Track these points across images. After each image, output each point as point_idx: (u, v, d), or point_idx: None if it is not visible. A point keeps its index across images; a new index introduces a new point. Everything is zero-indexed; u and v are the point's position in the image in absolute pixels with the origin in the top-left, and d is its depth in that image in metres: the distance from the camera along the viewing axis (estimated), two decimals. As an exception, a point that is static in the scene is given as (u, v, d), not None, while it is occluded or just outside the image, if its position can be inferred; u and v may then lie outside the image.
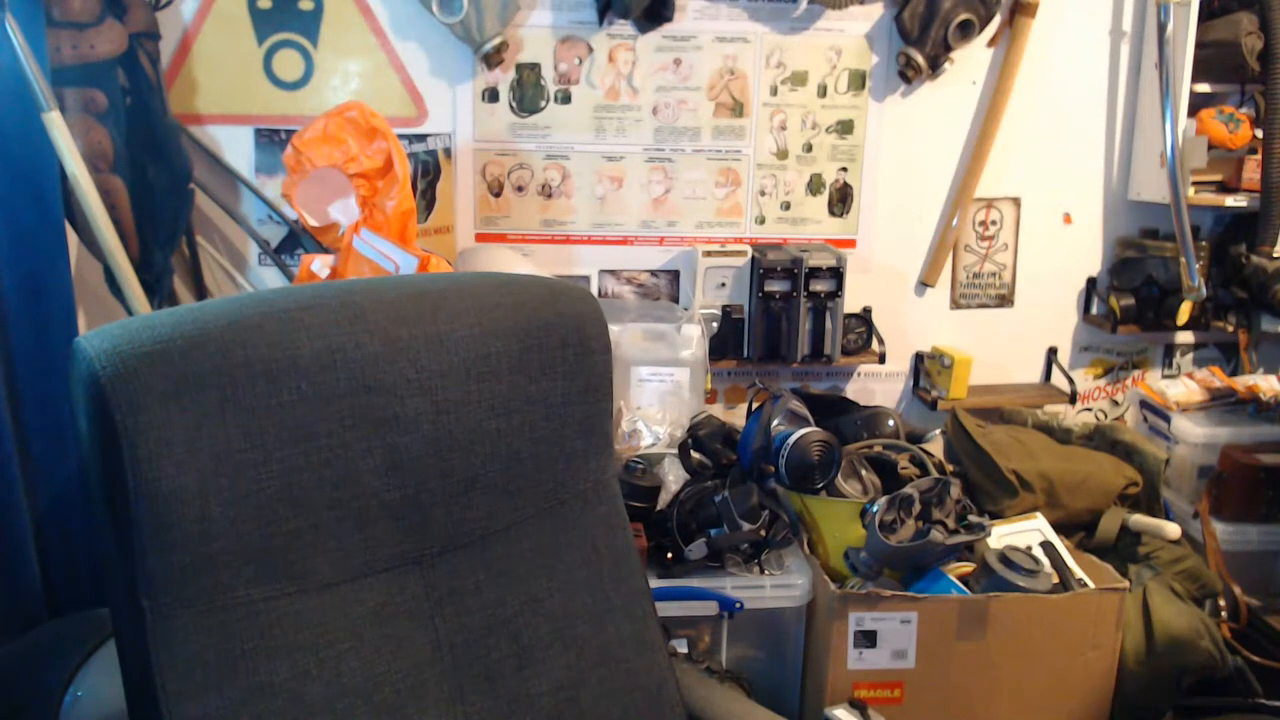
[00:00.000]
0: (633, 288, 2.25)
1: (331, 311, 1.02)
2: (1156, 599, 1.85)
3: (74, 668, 1.37)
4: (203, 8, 1.98)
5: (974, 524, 1.69)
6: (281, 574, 0.97)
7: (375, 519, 1.03)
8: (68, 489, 1.64)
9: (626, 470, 1.77)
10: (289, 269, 2.06)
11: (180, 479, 0.90)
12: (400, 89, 2.08)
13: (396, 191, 1.79)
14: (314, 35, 2.03)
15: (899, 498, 1.66)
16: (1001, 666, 1.71)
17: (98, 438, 0.88)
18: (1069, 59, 2.25)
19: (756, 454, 1.74)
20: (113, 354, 0.88)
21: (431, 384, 1.06)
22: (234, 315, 0.97)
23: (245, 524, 0.94)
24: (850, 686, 1.70)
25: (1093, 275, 2.37)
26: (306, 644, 0.98)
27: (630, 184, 2.19)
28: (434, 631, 1.07)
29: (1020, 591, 1.68)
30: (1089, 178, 2.33)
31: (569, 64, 2.11)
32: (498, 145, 2.14)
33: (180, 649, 0.90)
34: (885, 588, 1.69)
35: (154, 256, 1.86)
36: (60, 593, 1.66)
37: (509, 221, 2.18)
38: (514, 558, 1.13)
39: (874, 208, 2.26)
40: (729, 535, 1.68)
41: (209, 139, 2.04)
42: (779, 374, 2.29)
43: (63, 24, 1.68)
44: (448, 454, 1.08)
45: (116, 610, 0.93)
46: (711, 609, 1.70)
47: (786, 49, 2.16)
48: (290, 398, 0.97)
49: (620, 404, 1.99)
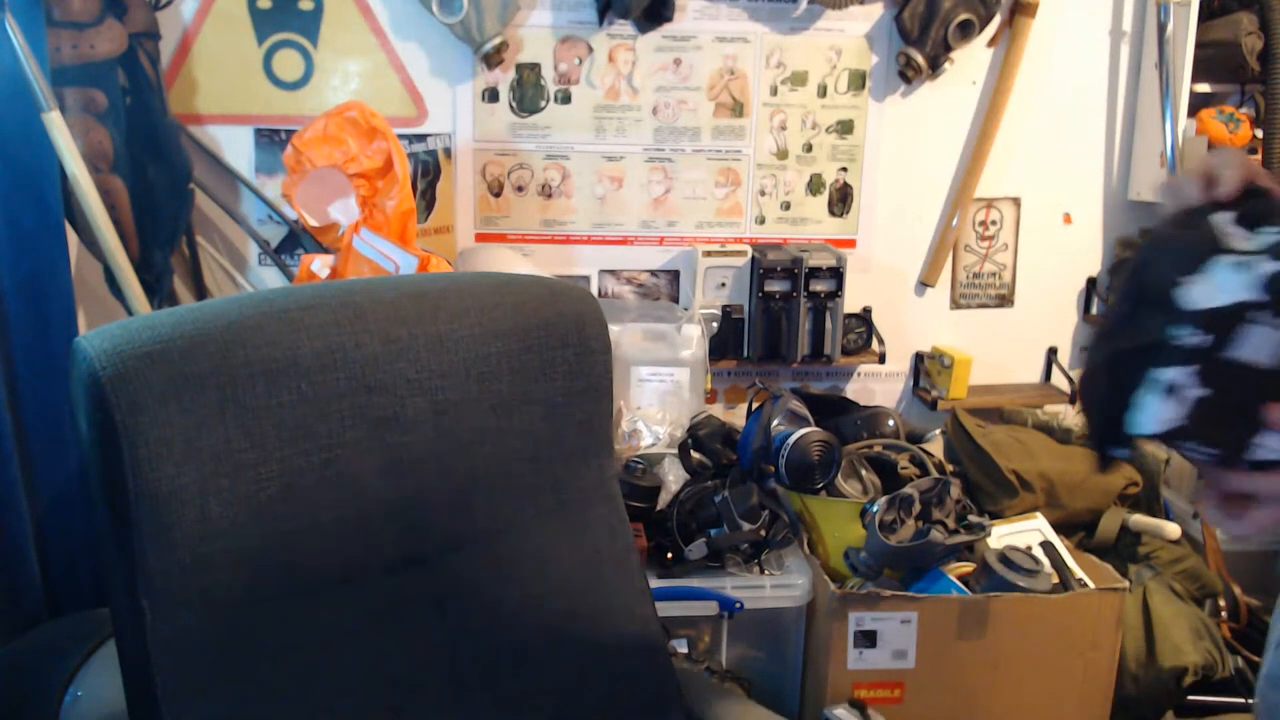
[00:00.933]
0: (633, 288, 2.25)
1: (331, 311, 1.01)
2: (1156, 599, 1.85)
3: (74, 668, 1.37)
4: (203, 8, 1.98)
5: (974, 524, 1.69)
6: (281, 574, 0.97)
7: (375, 519, 1.03)
8: (68, 489, 1.64)
9: (626, 470, 1.77)
10: (289, 269, 2.06)
11: (180, 479, 0.90)
12: (400, 89, 2.08)
13: (396, 191, 1.79)
14: (314, 35, 2.03)
15: (899, 498, 1.66)
16: (1001, 666, 1.71)
17: (98, 438, 0.88)
18: (1069, 59, 2.25)
19: (756, 454, 1.74)
20: (113, 354, 0.88)
21: (431, 384, 1.06)
22: (234, 315, 0.97)
23: (245, 524, 0.94)
24: (850, 686, 1.69)
25: (1093, 275, 2.37)
26: (306, 644, 0.98)
27: (630, 184, 2.19)
28: (434, 632, 1.07)
29: (1020, 591, 1.68)
30: (1089, 178, 2.32)
31: (569, 64, 2.11)
32: (498, 145, 2.14)
33: (180, 649, 0.90)
34: (885, 588, 1.69)
35: (154, 256, 1.86)
36: (60, 593, 1.66)
37: (509, 221, 2.18)
38: (514, 558, 1.13)
39: (874, 208, 2.26)
40: (729, 535, 1.68)
41: (209, 139, 2.04)
42: (779, 374, 2.29)
43: (63, 24, 1.68)
44: (448, 454, 1.08)
45: (116, 610, 0.93)
46: (711, 609, 1.70)
47: (786, 49, 2.16)
48: (290, 398, 0.97)
49: (620, 404, 1.99)
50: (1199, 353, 0.87)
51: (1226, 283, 0.86)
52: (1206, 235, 0.88)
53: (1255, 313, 0.85)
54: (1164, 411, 0.88)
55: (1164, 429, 0.88)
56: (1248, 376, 0.86)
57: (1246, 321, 0.86)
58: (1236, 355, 0.86)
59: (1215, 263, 0.87)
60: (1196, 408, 0.87)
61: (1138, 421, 0.89)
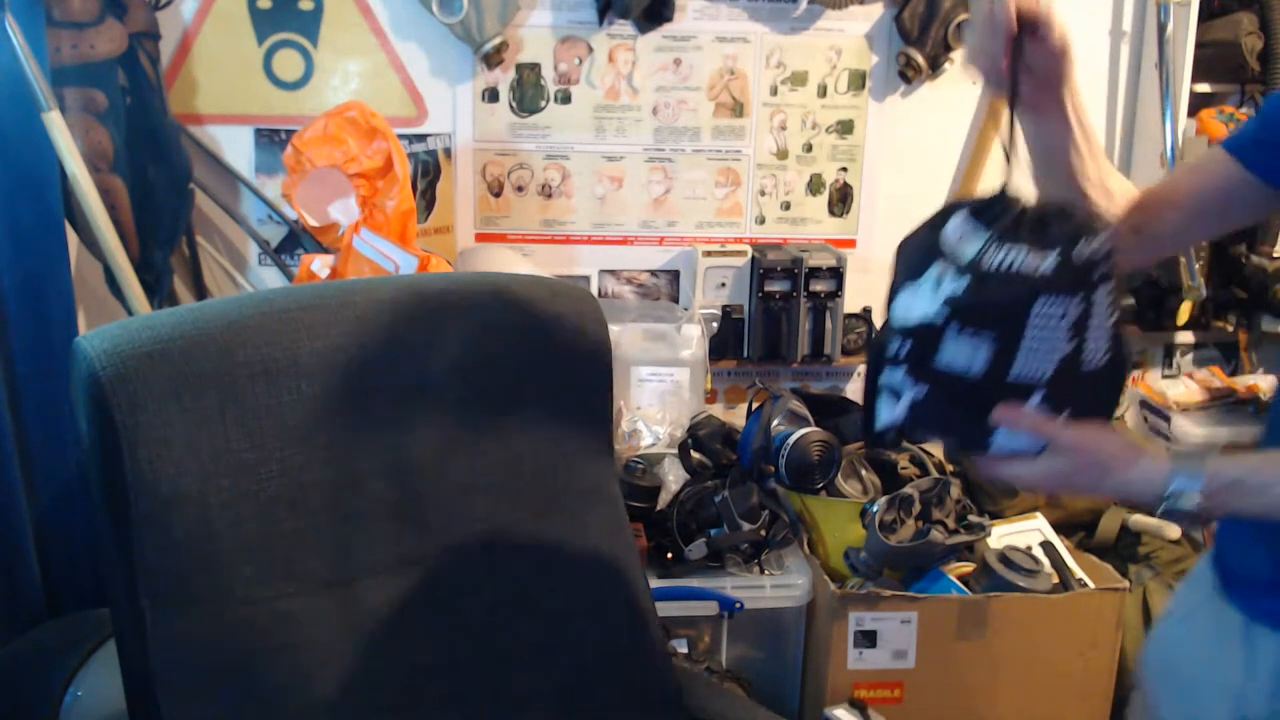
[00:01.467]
0: (633, 288, 2.25)
1: (331, 311, 1.02)
2: (1156, 599, 1.85)
3: (74, 668, 1.37)
4: (203, 8, 1.98)
5: (974, 524, 1.70)
6: (282, 574, 0.97)
7: (375, 519, 1.03)
8: (68, 489, 1.64)
9: (626, 470, 1.77)
10: (289, 269, 2.06)
11: (180, 479, 0.90)
12: (400, 89, 2.07)
13: (396, 191, 1.79)
14: (314, 35, 2.03)
15: (899, 498, 1.66)
16: (1001, 666, 1.71)
17: (98, 438, 0.88)
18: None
19: (756, 454, 1.74)
20: (113, 354, 0.88)
21: (431, 384, 1.06)
22: (234, 315, 0.97)
23: (245, 524, 0.94)
24: (850, 686, 1.70)
25: (1093, 275, 2.37)
26: (306, 644, 0.98)
27: (630, 184, 2.19)
28: (434, 632, 1.07)
29: (1020, 591, 1.68)
30: (1089, 178, 2.32)
31: (569, 64, 2.11)
32: (498, 145, 2.14)
33: (180, 649, 0.90)
34: (885, 588, 1.69)
35: (154, 256, 1.86)
36: (60, 593, 1.66)
37: (509, 221, 2.18)
38: (514, 558, 1.13)
39: (874, 208, 2.26)
40: (729, 535, 1.68)
41: (209, 139, 2.04)
42: (779, 374, 2.29)
43: (63, 24, 1.68)
44: (447, 454, 1.08)
45: (116, 610, 0.93)
46: (711, 609, 1.70)
47: (786, 49, 2.16)
48: (290, 398, 0.97)
49: (620, 404, 1.99)
50: (908, 359, 0.94)
51: (924, 296, 0.93)
52: (932, 241, 0.93)
53: (949, 325, 0.89)
54: (889, 412, 0.96)
55: (889, 426, 0.96)
56: (958, 382, 0.91)
57: (945, 334, 0.91)
58: (940, 363, 0.92)
59: (927, 274, 0.93)
60: (915, 409, 0.94)
61: (878, 419, 0.97)
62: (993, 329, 0.87)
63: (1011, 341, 0.87)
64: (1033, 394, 0.89)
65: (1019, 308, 0.86)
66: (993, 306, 0.87)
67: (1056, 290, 0.85)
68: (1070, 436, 0.90)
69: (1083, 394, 0.91)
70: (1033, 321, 0.86)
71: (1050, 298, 0.85)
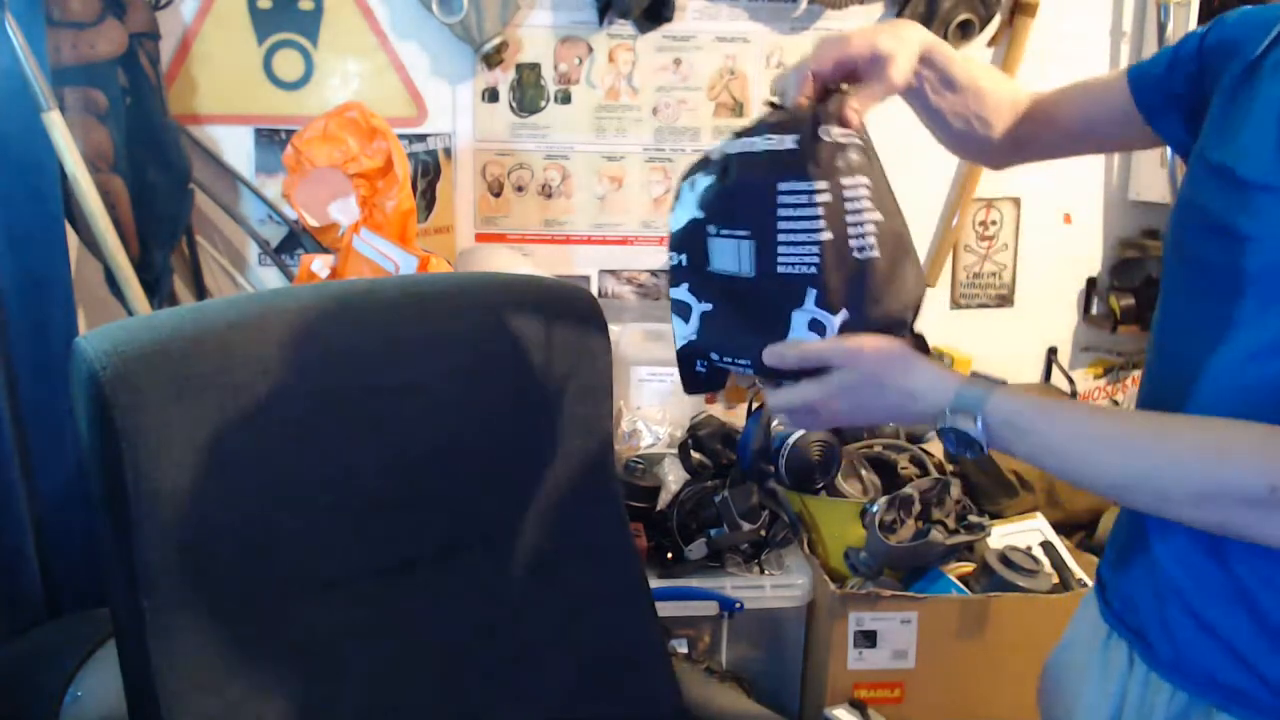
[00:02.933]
0: (633, 288, 2.25)
1: (331, 311, 1.02)
2: (1156, 599, 1.85)
3: (74, 668, 1.37)
4: (203, 8, 1.98)
5: (974, 524, 1.70)
6: (281, 574, 0.97)
7: (375, 519, 1.03)
8: (68, 489, 1.64)
9: (626, 470, 1.77)
10: (289, 269, 2.06)
11: (180, 479, 0.90)
12: (400, 89, 2.07)
13: (396, 191, 1.79)
14: (314, 35, 2.03)
15: (899, 498, 1.66)
16: (1002, 667, 1.71)
17: (98, 438, 0.88)
18: (1069, 59, 2.24)
19: (756, 454, 1.74)
20: (113, 354, 0.88)
21: (431, 384, 1.06)
22: (234, 315, 0.97)
23: (245, 524, 0.94)
24: (850, 686, 1.70)
25: (1093, 275, 2.37)
26: (306, 644, 0.98)
27: (630, 184, 2.19)
28: (434, 632, 1.07)
29: (1020, 591, 1.68)
30: (1089, 178, 2.32)
31: (569, 64, 2.11)
32: (498, 145, 2.14)
33: (180, 649, 0.90)
34: (885, 588, 1.69)
35: (154, 256, 1.86)
36: (60, 593, 1.66)
37: (509, 221, 2.18)
38: (514, 558, 1.13)
39: (874, 208, 2.26)
40: (729, 535, 1.68)
41: (209, 139, 2.04)
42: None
43: (63, 24, 1.68)
44: (447, 454, 1.08)
45: (116, 610, 0.93)
46: (711, 609, 1.70)
47: (786, 49, 2.16)
48: (290, 398, 0.97)
49: (620, 404, 1.99)
50: (685, 271, 0.92)
51: (685, 202, 0.91)
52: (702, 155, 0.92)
53: (707, 227, 0.88)
54: (681, 329, 0.93)
55: (684, 344, 0.93)
56: (735, 284, 0.88)
57: (707, 236, 0.89)
58: (714, 268, 0.89)
59: (686, 183, 0.91)
60: (705, 321, 0.91)
61: (676, 340, 0.94)
62: (745, 220, 0.86)
63: (768, 231, 0.84)
64: (807, 291, 0.84)
65: (762, 190, 0.84)
66: (738, 191, 0.86)
67: (796, 173, 0.83)
68: (846, 346, 0.85)
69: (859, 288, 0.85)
70: (781, 204, 0.84)
71: (792, 180, 0.83)
